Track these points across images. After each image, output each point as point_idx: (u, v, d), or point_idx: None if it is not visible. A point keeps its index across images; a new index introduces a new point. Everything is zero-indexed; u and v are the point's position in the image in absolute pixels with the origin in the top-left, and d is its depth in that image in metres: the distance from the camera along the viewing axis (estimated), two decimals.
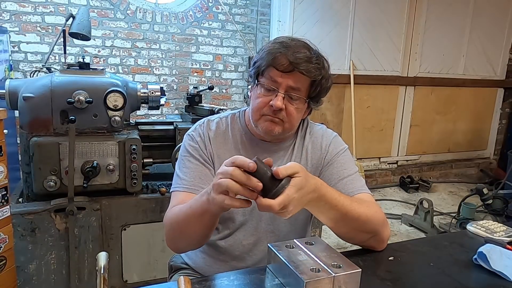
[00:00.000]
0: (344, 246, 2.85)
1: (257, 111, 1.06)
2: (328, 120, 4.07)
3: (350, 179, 1.09)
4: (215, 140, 1.13)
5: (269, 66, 1.02)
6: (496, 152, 5.24)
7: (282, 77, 1.01)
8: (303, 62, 0.99)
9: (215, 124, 1.16)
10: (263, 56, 1.04)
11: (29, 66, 3.18)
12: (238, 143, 1.14)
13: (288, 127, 1.07)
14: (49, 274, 1.82)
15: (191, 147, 1.12)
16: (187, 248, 1.11)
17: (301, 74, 1.00)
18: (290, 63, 0.99)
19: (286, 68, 1.00)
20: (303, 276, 0.79)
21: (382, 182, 4.51)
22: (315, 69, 1.01)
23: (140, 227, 1.94)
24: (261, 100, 1.04)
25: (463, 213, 3.26)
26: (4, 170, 1.51)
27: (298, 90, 1.03)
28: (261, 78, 1.05)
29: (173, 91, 3.72)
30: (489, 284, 0.95)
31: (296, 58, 0.99)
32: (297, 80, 1.02)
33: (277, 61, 1.00)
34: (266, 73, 1.04)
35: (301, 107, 1.07)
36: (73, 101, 1.73)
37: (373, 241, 1.04)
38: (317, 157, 1.15)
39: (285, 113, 1.04)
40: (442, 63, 4.58)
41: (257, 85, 1.06)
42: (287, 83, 1.02)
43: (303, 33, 3.73)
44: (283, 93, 1.02)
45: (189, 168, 1.09)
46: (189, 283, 0.84)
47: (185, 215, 0.96)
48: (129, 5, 3.43)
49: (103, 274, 0.74)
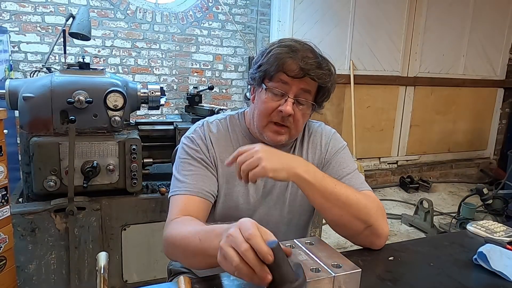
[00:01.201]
0: (344, 246, 2.85)
1: (264, 117, 1.04)
2: (328, 120, 4.07)
3: (349, 177, 1.09)
4: (217, 141, 1.11)
5: (278, 71, 1.00)
6: (496, 152, 5.24)
7: (292, 83, 1.00)
8: (314, 68, 0.99)
9: (215, 126, 1.13)
10: (270, 60, 1.01)
11: (29, 66, 3.18)
12: (239, 144, 1.11)
13: (294, 133, 1.07)
14: (49, 274, 1.82)
15: (192, 150, 1.08)
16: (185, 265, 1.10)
17: (312, 80, 1.00)
18: (301, 69, 0.98)
19: (297, 74, 0.99)
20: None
21: (382, 182, 4.52)
22: (325, 75, 1.01)
23: (140, 227, 1.94)
24: (270, 105, 1.03)
25: (463, 213, 3.26)
26: (4, 170, 1.51)
27: (307, 95, 1.03)
28: (269, 83, 1.03)
29: (173, 91, 3.72)
30: (489, 284, 0.95)
31: (307, 64, 0.98)
32: (307, 85, 1.01)
33: (288, 67, 0.99)
34: (276, 78, 1.02)
35: (307, 112, 1.06)
36: (73, 101, 1.73)
37: (369, 234, 1.01)
38: (318, 156, 1.15)
39: (293, 118, 1.03)
40: (442, 63, 4.58)
41: (265, 90, 1.04)
42: (298, 89, 1.01)
43: (303, 33, 3.73)
44: (293, 98, 1.01)
45: (190, 171, 1.05)
46: (189, 283, 0.84)
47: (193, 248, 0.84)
48: (129, 5, 3.43)
49: (103, 274, 0.74)
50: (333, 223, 1.01)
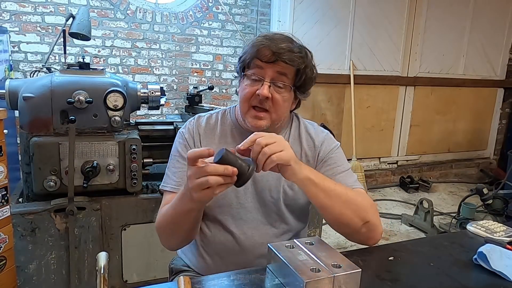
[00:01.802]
0: (344, 246, 2.85)
1: (245, 102, 1.10)
2: (328, 120, 4.07)
3: (344, 175, 1.13)
4: (204, 134, 1.17)
5: (253, 58, 1.07)
6: (496, 152, 5.24)
7: (266, 67, 1.06)
8: (285, 52, 1.04)
9: (205, 119, 1.20)
10: (247, 50, 1.09)
11: (29, 66, 3.18)
12: (228, 136, 1.17)
13: (275, 117, 1.10)
14: (49, 274, 1.82)
15: (180, 146, 1.16)
16: (180, 244, 1.16)
17: (285, 63, 1.04)
18: (273, 53, 1.04)
19: (270, 59, 1.04)
20: (303, 276, 0.79)
21: (382, 182, 4.52)
22: (298, 57, 1.05)
23: (140, 227, 1.94)
24: (248, 91, 1.08)
25: (463, 213, 3.26)
26: (4, 170, 1.51)
27: (283, 78, 1.07)
28: (247, 70, 1.10)
29: (173, 91, 3.72)
30: (489, 284, 0.95)
31: (279, 48, 1.04)
32: (282, 69, 1.06)
33: (261, 53, 1.05)
34: (252, 64, 1.08)
35: (287, 96, 1.09)
36: (73, 101, 1.73)
37: (366, 230, 1.03)
38: (312, 152, 1.18)
39: (272, 102, 1.07)
40: (442, 63, 4.58)
41: (244, 77, 1.11)
42: (272, 72, 1.06)
43: (303, 33, 3.73)
44: (269, 81, 1.06)
45: (177, 168, 1.14)
46: (189, 283, 0.84)
47: (172, 217, 1.02)
48: (129, 5, 3.43)
49: (103, 274, 0.74)
50: (333, 221, 1.04)
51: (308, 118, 1.27)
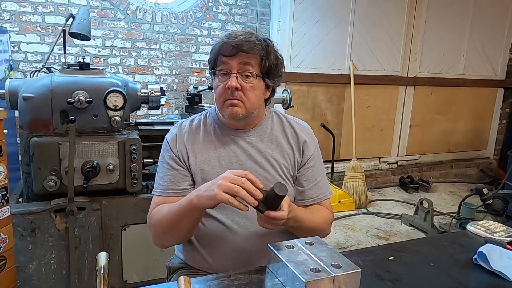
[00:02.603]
0: (344, 246, 2.85)
1: (219, 97, 1.16)
2: (328, 120, 4.07)
3: (321, 184, 1.25)
4: (188, 136, 1.23)
5: (218, 55, 1.14)
6: (496, 152, 5.24)
7: (230, 60, 1.12)
8: (244, 43, 1.10)
9: (188, 123, 1.27)
10: (211, 51, 1.16)
11: (29, 66, 3.18)
12: (212, 134, 1.23)
13: (249, 106, 1.15)
14: (49, 274, 1.82)
15: (165, 152, 1.24)
16: (173, 243, 1.24)
17: (246, 53, 1.11)
18: (233, 46, 1.10)
19: (232, 52, 1.11)
20: (303, 276, 0.79)
21: (382, 182, 4.52)
22: (257, 46, 1.12)
23: (140, 227, 1.94)
24: (221, 86, 1.14)
25: (463, 213, 3.26)
26: (4, 170, 1.51)
27: (248, 68, 1.12)
28: (215, 69, 1.17)
29: (173, 91, 3.72)
30: (489, 284, 0.96)
31: (239, 41, 1.10)
32: (245, 59, 1.12)
33: (223, 49, 1.12)
34: (218, 62, 1.15)
35: (256, 84, 1.15)
36: (73, 101, 1.73)
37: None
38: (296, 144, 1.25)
39: (242, 92, 1.13)
40: (442, 63, 4.58)
41: (214, 75, 1.17)
42: (237, 64, 1.12)
43: (303, 33, 3.73)
44: (236, 73, 1.12)
45: (163, 173, 1.21)
46: (189, 283, 0.84)
47: (175, 213, 1.08)
48: (129, 5, 3.43)
49: (103, 274, 0.74)
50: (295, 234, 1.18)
51: (308, 118, 1.29)
